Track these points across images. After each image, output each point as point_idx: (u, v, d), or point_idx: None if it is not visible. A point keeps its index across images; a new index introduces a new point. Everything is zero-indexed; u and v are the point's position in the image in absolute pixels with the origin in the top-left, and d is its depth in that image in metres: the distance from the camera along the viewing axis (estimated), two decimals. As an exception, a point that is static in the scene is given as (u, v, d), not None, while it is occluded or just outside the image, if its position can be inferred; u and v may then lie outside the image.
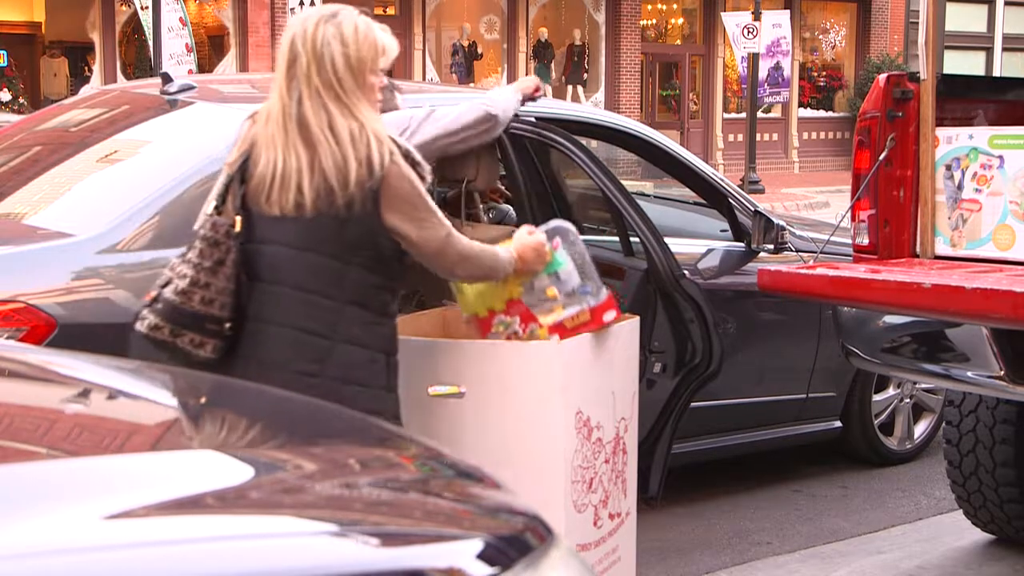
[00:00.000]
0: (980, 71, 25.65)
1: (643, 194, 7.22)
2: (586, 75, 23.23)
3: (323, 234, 3.06)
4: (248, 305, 3.10)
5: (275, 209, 3.07)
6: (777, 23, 20.95)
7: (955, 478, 4.76)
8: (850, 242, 4.37)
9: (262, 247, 3.10)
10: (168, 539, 1.53)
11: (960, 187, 4.10)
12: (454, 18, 22.26)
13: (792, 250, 5.29)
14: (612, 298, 3.64)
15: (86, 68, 19.30)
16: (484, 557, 1.65)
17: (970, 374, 3.98)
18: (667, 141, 5.28)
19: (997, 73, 25.34)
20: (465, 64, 22.08)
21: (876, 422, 5.95)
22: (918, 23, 4.44)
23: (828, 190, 20.26)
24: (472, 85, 20.77)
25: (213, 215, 3.11)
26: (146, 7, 15.66)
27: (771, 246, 5.18)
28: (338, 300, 3.08)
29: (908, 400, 6.07)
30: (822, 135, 25.66)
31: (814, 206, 18.76)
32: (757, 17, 19.92)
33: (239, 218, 3.09)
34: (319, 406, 2.36)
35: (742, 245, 5.26)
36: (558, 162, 5.34)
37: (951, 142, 4.13)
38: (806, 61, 25.75)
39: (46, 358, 2.55)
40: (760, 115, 21.71)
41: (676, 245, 4.43)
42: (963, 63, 25.21)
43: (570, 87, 22.86)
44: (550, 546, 1.76)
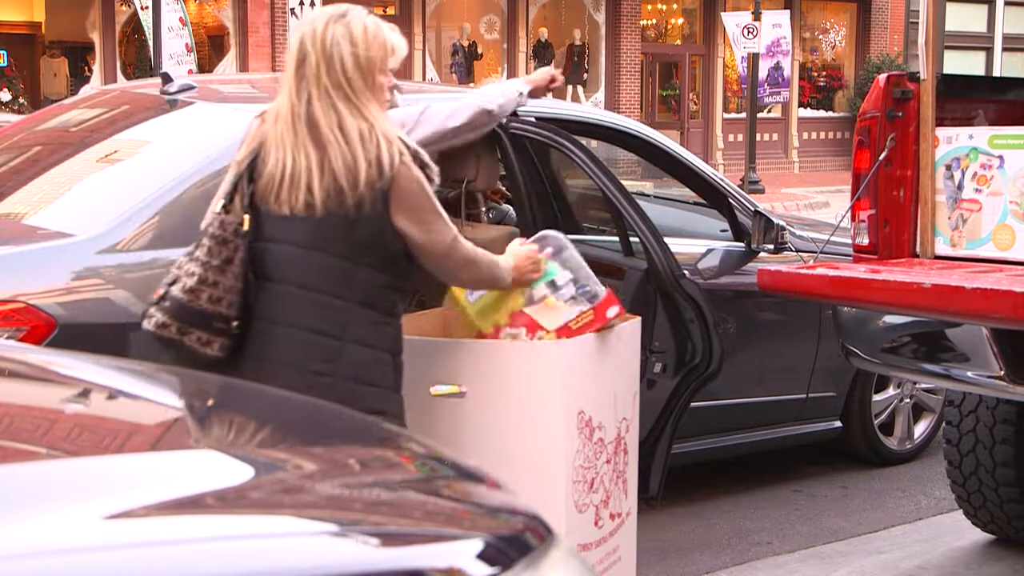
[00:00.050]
0: (980, 71, 25.66)
1: (643, 194, 7.22)
2: (586, 75, 23.24)
3: (332, 234, 3.05)
4: (255, 304, 3.09)
5: (284, 208, 3.06)
6: (777, 23, 20.96)
7: (955, 478, 4.76)
8: (850, 242, 4.37)
9: (270, 246, 3.10)
10: (168, 539, 1.53)
11: (960, 187, 4.10)
12: (454, 18, 22.27)
13: (792, 250, 5.29)
14: (612, 294, 3.65)
15: (86, 68, 19.30)
16: (484, 557, 1.65)
17: (970, 374, 3.98)
18: (667, 141, 5.27)
19: (997, 73, 25.34)
20: (465, 64, 22.09)
21: (876, 422, 5.95)
22: (918, 23, 4.44)
23: (828, 190, 20.27)
24: (472, 85, 20.74)
25: (221, 213, 3.10)
26: (146, 7, 15.66)
27: (771, 246, 5.18)
28: (348, 300, 3.08)
29: (908, 400, 6.07)
30: (822, 135, 25.67)
31: (814, 206, 18.76)
32: (757, 17, 19.93)
33: (247, 217, 3.09)
34: (319, 406, 2.36)
35: (742, 245, 5.26)
36: (558, 162, 5.34)
37: (951, 142, 4.13)
38: (806, 61, 25.76)
39: (46, 358, 2.55)
40: (760, 115, 21.71)
41: (676, 245, 4.43)
42: (963, 63, 25.21)
43: (570, 87, 22.86)
44: (550, 546, 1.76)
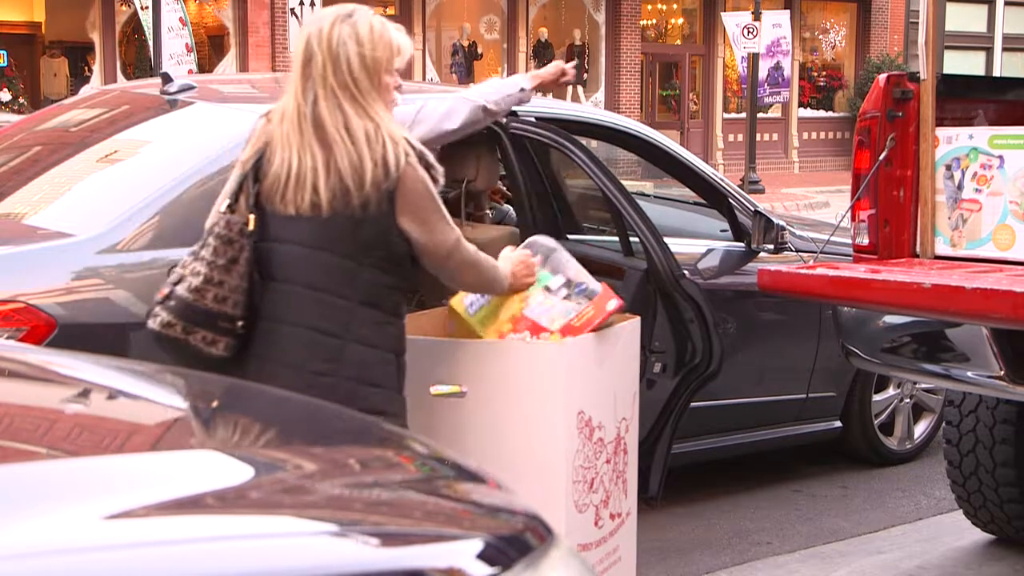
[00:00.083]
0: (980, 71, 25.66)
1: (643, 194, 7.22)
2: (586, 75, 23.23)
3: (337, 234, 3.05)
4: (261, 304, 3.09)
5: (290, 208, 3.06)
6: (777, 23, 20.96)
7: (955, 478, 4.76)
8: (850, 242, 4.37)
9: (275, 246, 3.09)
10: (168, 539, 1.53)
11: (960, 187, 4.10)
12: (454, 18, 22.27)
13: (792, 250, 5.29)
14: (608, 288, 3.67)
15: (86, 68, 19.30)
16: (484, 557, 1.65)
17: (970, 374, 3.98)
18: (667, 141, 5.28)
19: (997, 73, 25.34)
20: (465, 64, 22.09)
21: (876, 422, 5.95)
22: (918, 23, 4.44)
23: (828, 190, 20.27)
24: (472, 85, 20.74)
25: (227, 213, 3.10)
26: (146, 7, 15.65)
27: (771, 246, 5.18)
28: (351, 300, 3.07)
29: (908, 400, 6.06)
30: (822, 135, 25.67)
31: (814, 206, 18.76)
32: (757, 17, 19.93)
33: (253, 216, 3.08)
34: (319, 406, 2.35)
35: (742, 245, 5.26)
36: (558, 162, 5.34)
37: (951, 142, 4.13)
38: (806, 61, 25.76)
39: (46, 358, 2.55)
40: (760, 115, 21.71)
41: (676, 245, 4.43)
42: (963, 63, 25.21)
43: (570, 87, 22.84)
44: (550, 546, 1.76)
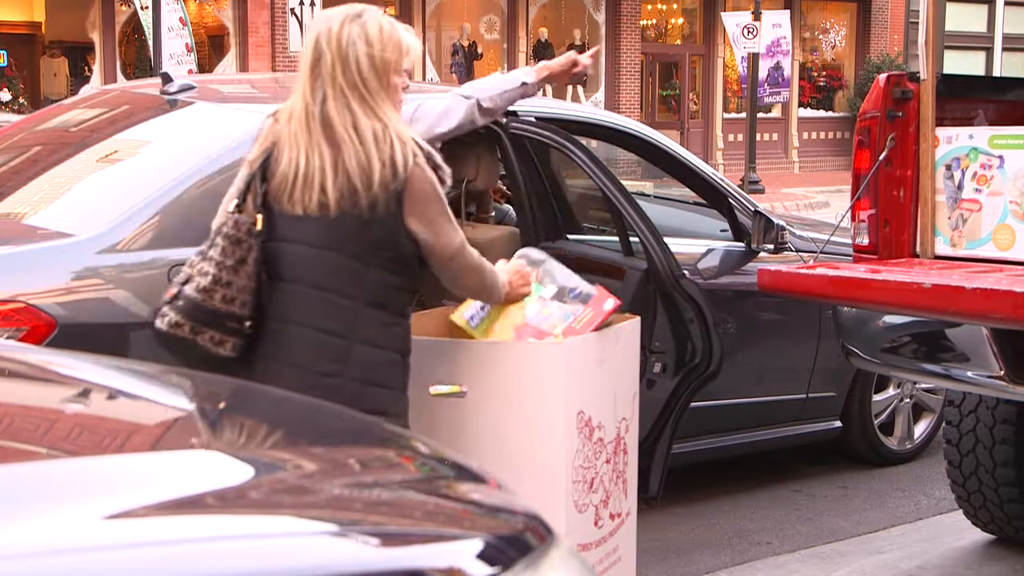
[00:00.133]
0: (980, 71, 25.66)
1: (643, 194, 7.22)
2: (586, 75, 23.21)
3: (345, 234, 3.05)
4: (268, 304, 3.08)
5: (298, 208, 3.06)
6: (777, 23, 20.96)
7: (955, 478, 4.76)
8: (850, 242, 4.37)
9: (283, 246, 3.09)
10: (168, 539, 1.53)
11: (960, 187, 4.10)
12: (454, 18, 22.27)
13: (792, 250, 5.29)
14: (604, 288, 3.69)
15: (86, 68, 19.30)
16: (484, 557, 1.65)
17: (970, 374, 3.98)
18: (667, 141, 5.28)
19: (997, 73, 25.35)
20: (465, 64, 22.08)
21: (876, 422, 5.95)
22: (918, 23, 4.44)
23: (828, 190, 20.27)
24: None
25: (235, 213, 3.09)
26: (146, 7, 15.65)
27: (771, 246, 5.18)
28: (357, 300, 3.07)
29: (908, 400, 6.06)
30: (822, 135, 25.67)
31: (814, 206, 18.77)
32: (757, 17, 19.93)
33: (260, 216, 3.08)
34: (320, 406, 2.35)
35: (742, 245, 5.26)
36: (558, 162, 5.34)
37: (951, 142, 4.13)
38: (806, 61, 25.76)
39: (46, 358, 2.55)
40: (760, 115, 21.71)
41: (676, 245, 4.43)
42: (963, 63, 25.22)
43: (570, 87, 22.85)
44: (550, 546, 1.76)
